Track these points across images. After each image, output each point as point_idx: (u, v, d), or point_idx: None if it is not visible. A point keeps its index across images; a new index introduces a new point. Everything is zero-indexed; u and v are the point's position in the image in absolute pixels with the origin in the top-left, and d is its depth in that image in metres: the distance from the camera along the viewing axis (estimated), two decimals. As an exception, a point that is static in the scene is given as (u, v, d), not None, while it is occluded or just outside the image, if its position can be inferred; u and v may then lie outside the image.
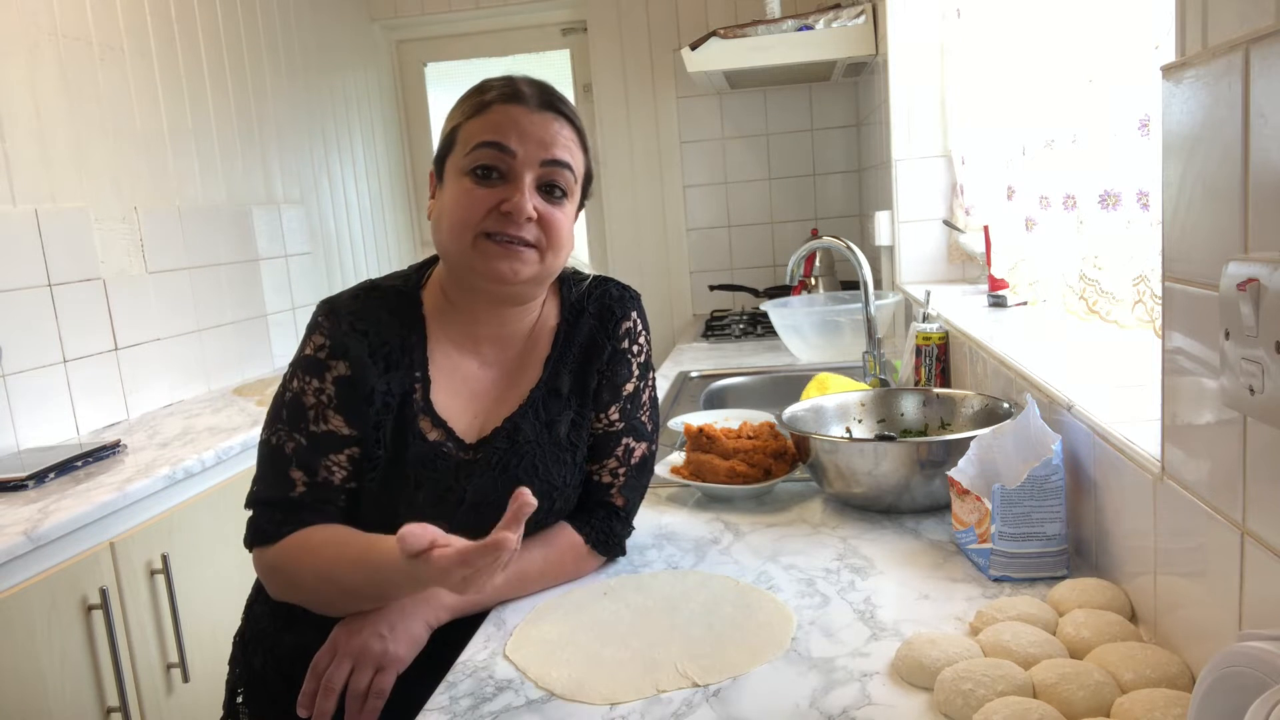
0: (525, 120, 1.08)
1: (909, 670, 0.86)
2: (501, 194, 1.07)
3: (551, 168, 1.09)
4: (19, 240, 2.07)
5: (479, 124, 1.08)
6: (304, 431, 1.09)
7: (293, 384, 1.11)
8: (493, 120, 1.08)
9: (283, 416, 1.10)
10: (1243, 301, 0.64)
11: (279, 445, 1.10)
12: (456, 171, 1.09)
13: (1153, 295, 1.28)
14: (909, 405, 1.53)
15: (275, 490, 1.09)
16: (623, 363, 1.20)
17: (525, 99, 1.09)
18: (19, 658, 1.46)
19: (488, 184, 1.07)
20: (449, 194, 1.10)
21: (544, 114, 1.09)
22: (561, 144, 1.09)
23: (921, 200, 2.51)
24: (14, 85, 2.11)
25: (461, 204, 1.08)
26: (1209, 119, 0.72)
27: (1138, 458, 0.91)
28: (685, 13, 3.73)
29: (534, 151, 1.07)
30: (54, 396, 2.15)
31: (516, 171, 1.07)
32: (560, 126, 1.10)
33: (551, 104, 1.10)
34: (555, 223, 1.09)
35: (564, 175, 1.10)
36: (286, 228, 3.21)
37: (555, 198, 1.10)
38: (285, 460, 1.09)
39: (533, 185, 1.08)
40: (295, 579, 1.07)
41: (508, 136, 1.07)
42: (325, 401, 1.09)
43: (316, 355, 1.10)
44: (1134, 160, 1.29)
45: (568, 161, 1.10)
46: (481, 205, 1.07)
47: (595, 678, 0.92)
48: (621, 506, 1.21)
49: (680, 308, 3.93)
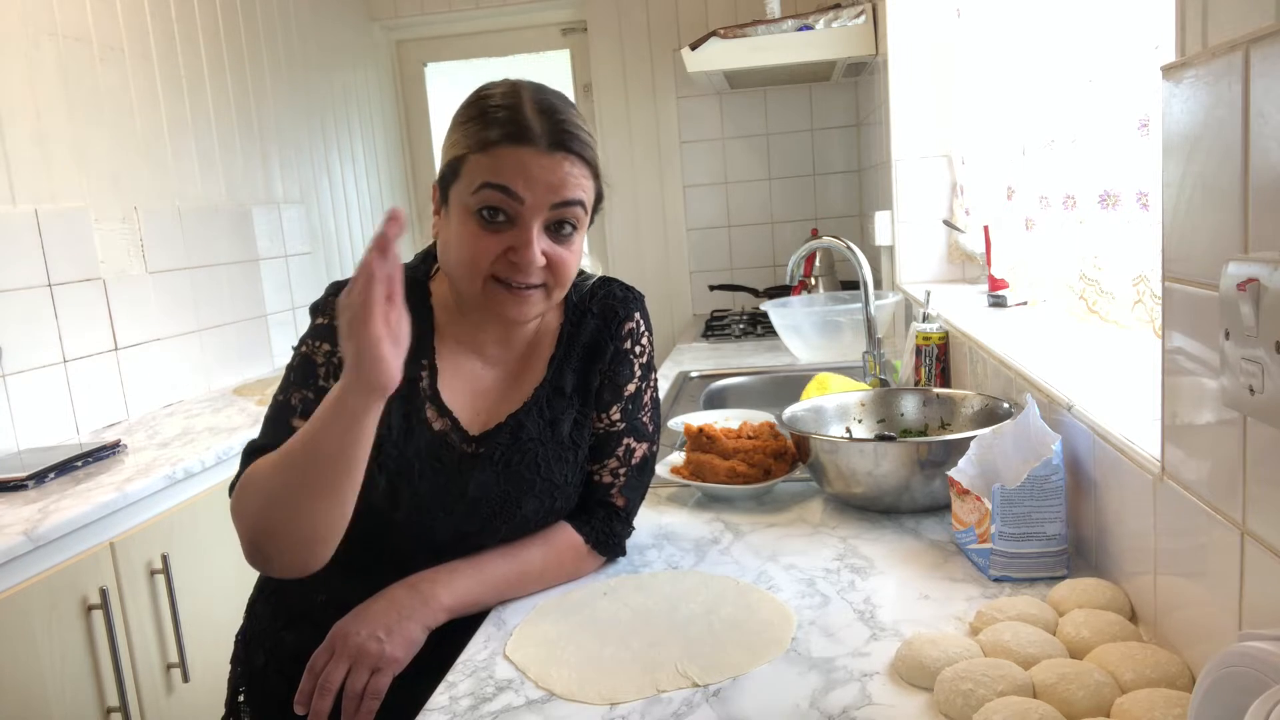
0: (534, 165, 1.02)
1: (909, 670, 0.86)
2: (509, 239, 1.04)
3: (561, 209, 1.05)
4: (19, 240, 2.08)
5: (484, 163, 1.03)
6: (312, 386, 1.09)
7: (301, 349, 1.12)
8: (499, 163, 1.02)
9: (291, 378, 1.11)
10: (1243, 301, 0.64)
11: (285, 399, 1.10)
12: (462, 208, 1.06)
13: (1153, 295, 1.28)
14: (909, 405, 1.53)
15: (272, 438, 1.06)
16: (625, 363, 1.20)
17: (534, 138, 1.02)
18: (19, 658, 1.46)
19: (494, 227, 1.04)
20: (455, 229, 1.07)
21: (554, 156, 1.03)
22: (572, 184, 1.05)
23: (921, 200, 2.51)
24: (14, 85, 2.11)
25: (469, 248, 1.05)
26: (1209, 119, 0.72)
27: (1138, 458, 0.91)
28: (685, 13, 3.73)
29: (543, 196, 1.03)
30: (54, 396, 2.15)
31: (524, 218, 1.03)
32: (571, 166, 1.05)
33: (562, 143, 1.04)
34: (563, 263, 1.07)
35: (574, 212, 1.07)
36: (286, 227, 3.21)
37: (564, 235, 1.07)
38: (289, 410, 1.09)
39: (541, 228, 1.05)
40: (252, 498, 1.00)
41: (515, 182, 1.02)
42: (336, 363, 1.09)
43: (330, 324, 1.09)
44: (1134, 160, 1.29)
45: (579, 199, 1.06)
46: (488, 252, 1.05)
47: (595, 678, 0.92)
48: (622, 507, 1.21)
49: (680, 308, 3.93)
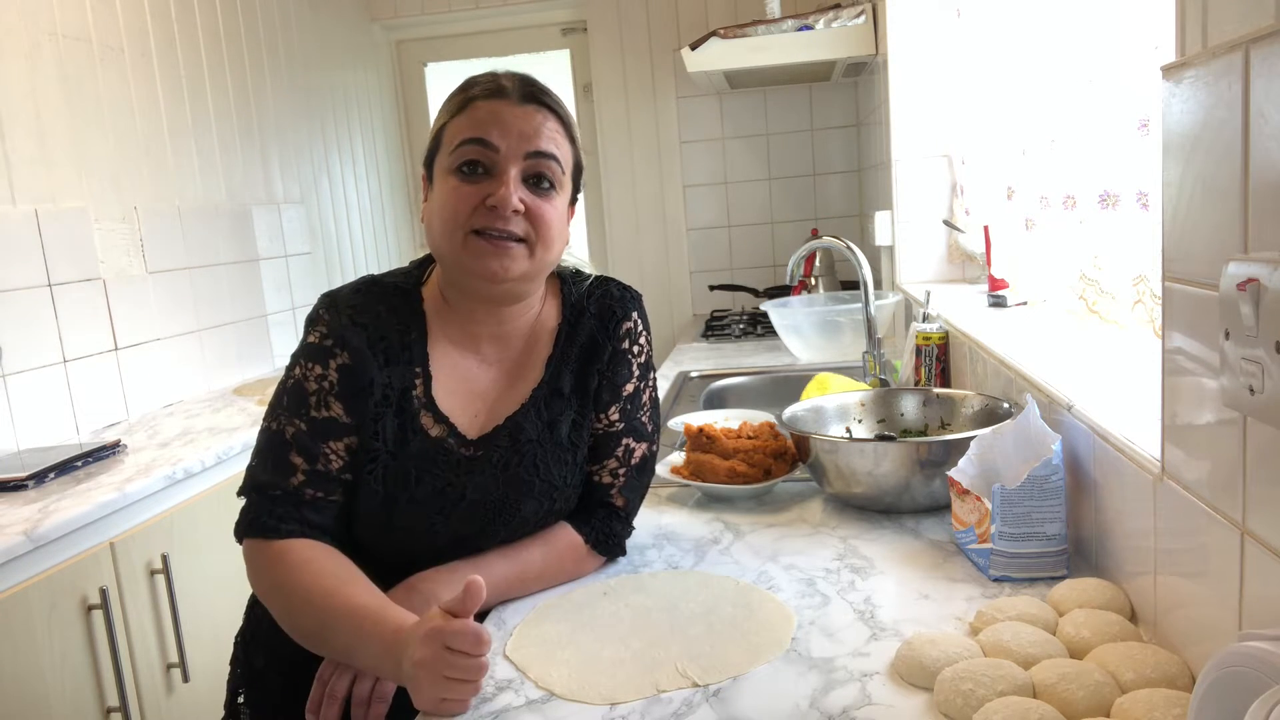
0: (508, 114, 1.08)
1: (909, 670, 0.86)
2: (487, 189, 1.07)
3: (536, 159, 1.09)
4: (19, 240, 2.07)
5: (463, 121, 1.09)
6: (305, 417, 1.09)
7: (295, 371, 1.11)
8: (476, 116, 1.08)
9: (284, 403, 1.10)
10: (1243, 301, 0.64)
11: (279, 430, 1.09)
12: (443, 171, 1.10)
13: (1153, 295, 1.28)
14: (909, 405, 1.53)
15: (274, 476, 1.08)
16: (623, 363, 1.20)
17: (507, 93, 1.09)
18: (19, 658, 1.46)
19: (473, 180, 1.08)
20: (437, 194, 1.11)
21: (526, 106, 1.09)
22: (546, 135, 1.09)
23: (921, 200, 2.51)
24: (14, 85, 2.11)
25: (449, 202, 1.08)
26: (1209, 119, 0.72)
27: (1138, 458, 0.91)
28: (685, 13, 3.73)
29: (517, 145, 1.07)
30: (54, 396, 2.15)
31: (501, 166, 1.07)
32: (544, 118, 1.10)
33: (534, 96, 1.10)
34: (543, 215, 1.09)
35: (550, 166, 1.10)
36: (286, 227, 3.21)
37: (543, 189, 1.10)
38: (285, 445, 1.08)
39: (518, 178, 1.08)
40: (283, 589, 1.04)
41: (490, 131, 1.07)
42: (327, 388, 1.09)
43: (322, 344, 1.11)
44: (1134, 160, 1.29)
45: (553, 153, 1.10)
46: (468, 202, 1.07)
47: (595, 678, 0.92)
48: (622, 507, 1.21)
49: (680, 308, 3.93)
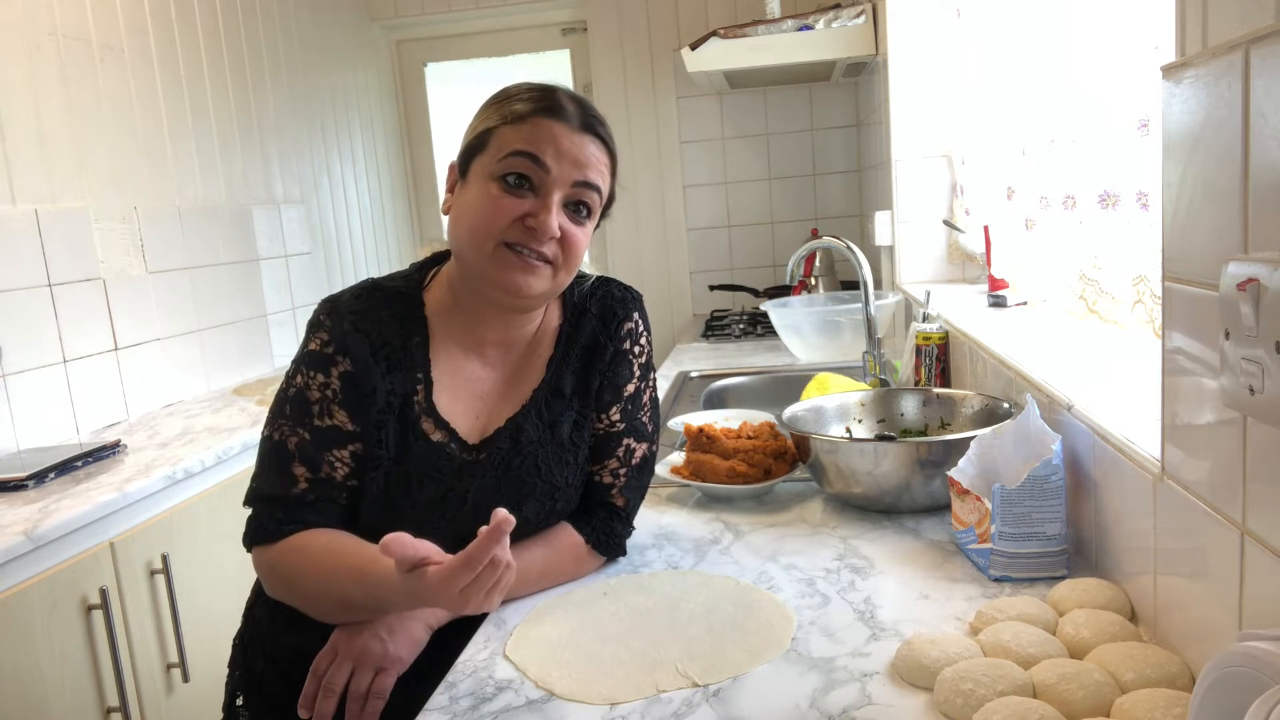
0: (565, 138, 1.07)
1: (909, 670, 0.86)
2: (529, 206, 1.06)
3: (581, 189, 1.09)
4: (19, 240, 2.07)
5: (516, 132, 1.07)
6: (308, 426, 1.09)
7: (296, 379, 1.11)
8: (531, 132, 1.06)
9: (286, 412, 1.10)
10: (1243, 301, 0.64)
11: (281, 441, 1.09)
12: (484, 174, 1.08)
13: (1153, 295, 1.28)
14: (909, 405, 1.53)
15: (277, 486, 1.08)
16: (624, 363, 1.20)
17: (567, 116, 1.08)
18: (19, 658, 1.46)
19: (517, 193, 1.07)
20: (473, 195, 1.09)
21: (584, 135, 1.08)
22: (595, 167, 1.09)
23: (921, 200, 2.51)
24: (14, 85, 2.11)
25: (486, 210, 1.07)
26: (1209, 119, 0.72)
27: (1138, 458, 0.91)
28: (685, 13, 3.73)
29: (569, 171, 1.07)
30: (54, 396, 2.15)
31: (548, 187, 1.07)
32: (597, 150, 1.10)
33: (591, 126, 1.10)
34: (575, 241, 1.09)
35: (592, 196, 1.10)
36: (286, 227, 3.21)
37: (580, 216, 1.10)
38: (288, 456, 1.08)
39: (560, 203, 1.08)
40: (293, 581, 1.07)
41: (545, 150, 1.06)
42: (330, 396, 1.09)
43: (323, 350, 1.10)
44: (1134, 160, 1.29)
45: (598, 184, 1.10)
46: (507, 214, 1.06)
47: (595, 678, 0.92)
48: (622, 507, 1.21)
49: (680, 308, 3.93)
